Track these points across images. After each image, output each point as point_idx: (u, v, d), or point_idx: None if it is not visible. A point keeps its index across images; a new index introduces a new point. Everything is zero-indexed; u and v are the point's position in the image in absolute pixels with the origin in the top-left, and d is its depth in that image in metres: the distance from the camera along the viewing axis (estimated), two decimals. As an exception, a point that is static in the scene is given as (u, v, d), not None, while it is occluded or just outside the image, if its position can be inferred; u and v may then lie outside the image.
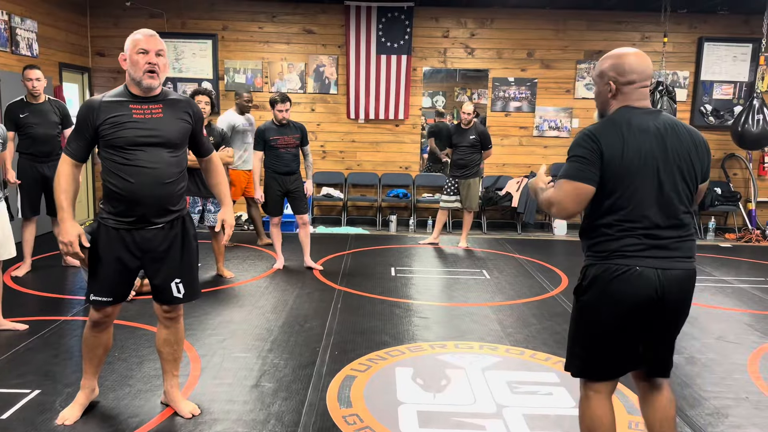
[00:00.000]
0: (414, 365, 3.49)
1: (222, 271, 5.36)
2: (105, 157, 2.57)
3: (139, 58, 2.49)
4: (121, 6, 7.94)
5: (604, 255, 2.06)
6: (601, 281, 2.06)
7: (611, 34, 8.22)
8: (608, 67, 2.11)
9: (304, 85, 8.25)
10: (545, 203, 2.16)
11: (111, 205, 2.60)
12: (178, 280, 2.73)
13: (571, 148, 2.09)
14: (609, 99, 2.13)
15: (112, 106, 2.53)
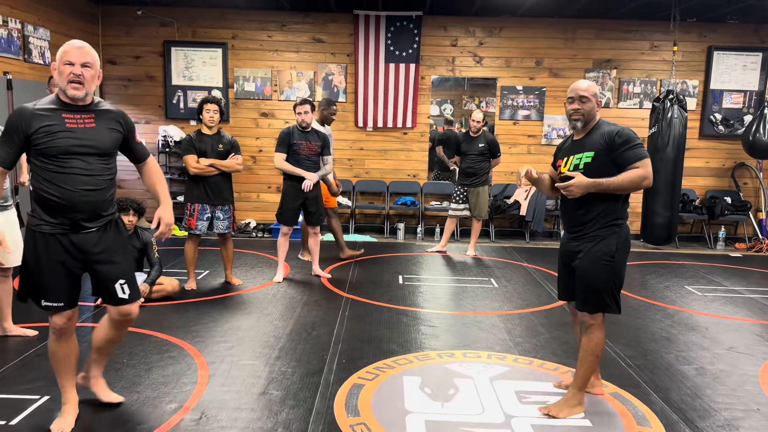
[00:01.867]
0: (422, 374, 3.48)
1: (230, 278, 5.37)
2: (38, 166, 2.59)
3: (64, 68, 2.55)
4: (133, 15, 8.02)
5: (623, 220, 2.97)
6: (626, 237, 2.99)
7: (620, 42, 8.21)
8: (597, 90, 3.02)
9: (313, 93, 8.29)
10: (637, 180, 2.85)
11: (45, 212, 2.62)
12: (122, 281, 2.77)
13: (631, 138, 2.89)
14: (595, 111, 3.01)
15: (44, 115, 2.56)
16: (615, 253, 2.93)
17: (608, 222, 2.93)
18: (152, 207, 8.05)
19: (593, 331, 3.00)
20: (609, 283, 2.95)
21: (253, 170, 8.36)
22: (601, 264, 2.93)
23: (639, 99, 8.32)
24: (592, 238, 2.96)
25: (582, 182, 2.91)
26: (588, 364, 3.01)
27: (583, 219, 2.99)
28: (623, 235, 2.97)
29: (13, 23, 6.30)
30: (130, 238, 4.71)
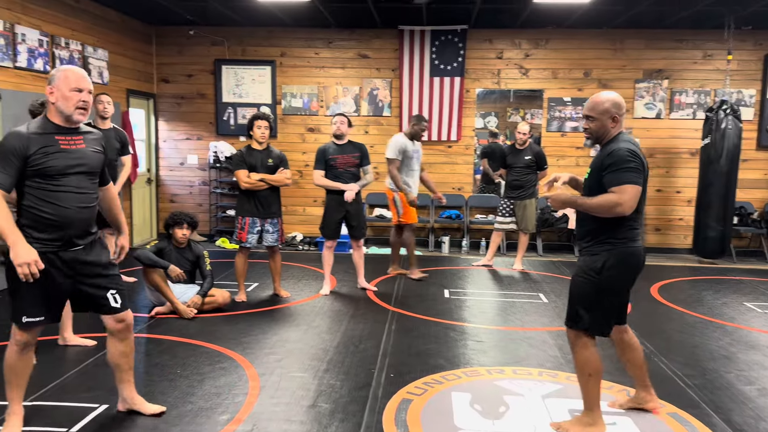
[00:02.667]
0: (471, 390, 3.44)
1: (279, 291, 5.45)
2: (33, 186, 2.65)
3: (73, 95, 2.66)
4: (185, 35, 8.29)
5: (620, 240, 2.81)
6: (623, 258, 2.81)
7: (671, 52, 8.02)
8: (610, 106, 2.84)
9: (358, 108, 8.38)
10: (607, 206, 2.73)
11: (38, 231, 2.66)
12: (113, 291, 2.89)
13: (621, 161, 2.73)
14: (609, 128, 2.85)
15: (39, 138, 2.65)
16: (601, 270, 2.80)
17: (602, 239, 2.83)
18: (203, 221, 8.27)
19: (575, 349, 2.92)
20: (587, 299, 2.84)
21: (300, 184, 8.48)
22: (584, 277, 2.85)
23: (692, 109, 8.09)
24: (586, 253, 2.91)
25: (558, 197, 2.89)
26: (585, 385, 2.91)
27: (582, 234, 2.95)
28: (617, 254, 2.80)
29: (75, 45, 6.60)
30: (183, 250, 4.85)
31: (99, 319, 2.86)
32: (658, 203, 8.28)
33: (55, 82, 2.69)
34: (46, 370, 3.61)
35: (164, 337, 4.25)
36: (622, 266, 2.82)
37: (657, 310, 5.29)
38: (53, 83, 2.69)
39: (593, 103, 2.86)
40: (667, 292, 5.91)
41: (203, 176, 8.57)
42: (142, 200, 8.26)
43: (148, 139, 8.45)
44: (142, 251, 4.66)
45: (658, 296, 5.75)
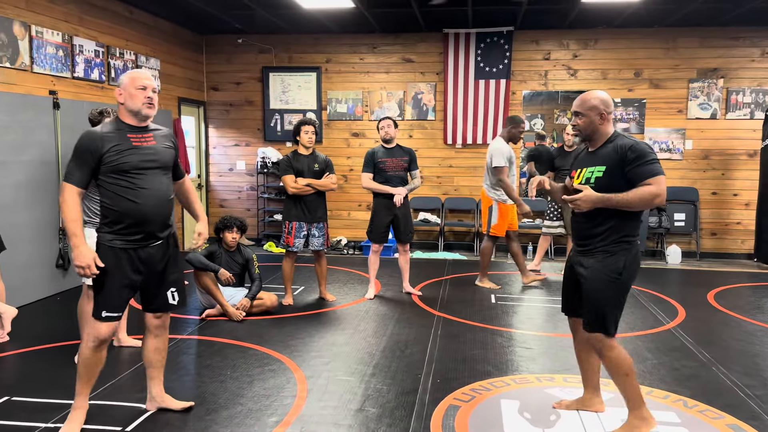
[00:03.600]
0: (520, 398, 3.37)
1: (325, 294, 5.49)
2: (109, 183, 2.79)
3: (138, 92, 2.82)
4: (233, 43, 8.48)
5: (634, 237, 2.83)
6: (636, 255, 2.83)
7: (726, 50, 7.73)
8: (598, 103, 2.86)
9: (403, 112, 8.38)
10: (647, 198, 2.70)
11: (117, 227, 2.81)
12: (173, 289, 3.03)
13: (646, 153, 2.74)
14: (598, 126, 2.87)
15: (113, 136, 2.80)
16: (623, 271, 2.78)
17: (618, 238, 2.79)
18: (251, 226, 8.41)
19: (605, 353, 2.84)
20: (614, 301, 2.81)
21: (345, 189, 8.54)
22: (608, 281, 2.79)
23: (750, 109, 7.77)
24: (600, 254, 2.82)
25: (590, 197, 2.79)
26: (624, 385, 2.84)
27: (591, 233, 2.85)
28: (633, 252, 2.81)
29: (128, 55, 6.83)
30: (233, 254, 4.94)
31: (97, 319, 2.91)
32: (714, 206, 7.98)
33: (122, 85, 2.86)
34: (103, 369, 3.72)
35: (215, 339, 4.34)
36: (636, 263, 2.84)
37: (714, 317, 5.09)
38: (120, 86, 2.86)
39: (581, 99, 2.90)
40: (725, 299, 5.68)
41: (251, 181, 8.72)
42: (192, 205, 8.45)
43: (198, 145, 8.67)
44: (194, 255, 4.76)
45: (714, 303, 5.54)
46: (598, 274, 2.80)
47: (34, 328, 4.59)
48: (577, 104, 2.90)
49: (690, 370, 3.84)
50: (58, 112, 5.53)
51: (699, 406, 3.28)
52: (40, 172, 5.35)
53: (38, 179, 5.32)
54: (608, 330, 2.81)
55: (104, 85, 6.40)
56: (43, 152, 5.39)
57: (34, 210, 5.28)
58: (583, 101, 2.88)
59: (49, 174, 5.44)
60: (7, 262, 4.77)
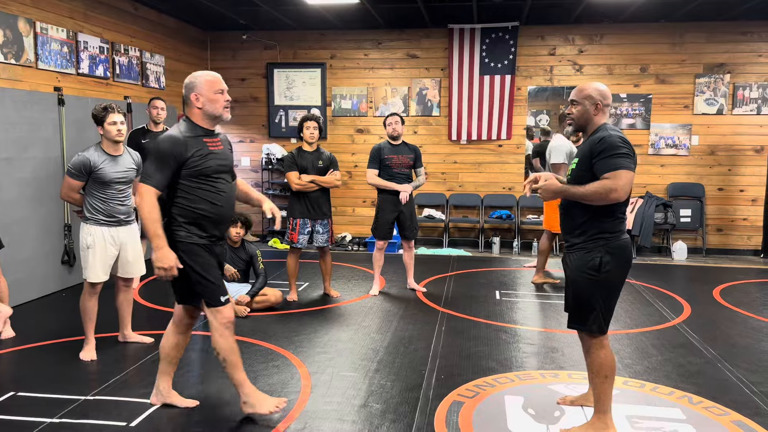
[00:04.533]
0: (524, 394, 3.37)
1: (329, 291, 5.49)
2: (191, 186, 2.85)
3: (218, 96, 2.88)
4: (238, 40, 8.47)
5: (613, 233, 2.75)
6: (619, 253, 2.74)
7: (734, 45, 7.67)
8: (595, 93, 2.81)
9: (407, 108, 8.36)
10: (602, 192, 2.64)
11: (198, 228, 2.88)
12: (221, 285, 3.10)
13: (612, 146, 2.67)
14: (592, 116, 2.81)
15: (193, 141, 2.86)
16: (600, 268, 2.73)
17: (594, 235, 2.75)
18: (256, 222, 8.41)
19: (591, 350, 2.83)
20: (593, 299, 2.77)
21: (349, 185, 8.53)
22: (585, 277, 2.77)
23: (757, 105, 7.71)
24: (579, 251, 2.80)
25: (550, 186, 2.82)
26: (600, 387, 2.82)
27: (570, 228, 2.85)
28: (613, 249, 2.73)
29: (133, 51, 6.84)
30: (237, 250, 4.94)
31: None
32: (720, 203, 7.93)
33: (197, 88, 2.89)
34: (109, 365, 3.75)
35: (219, 335, 4.34)
36: (620, 260, 2.76)
37: (720, 313, 5.07)
38: (196, 90, 2.89)
39: (578, 88, 2.87)
40: (731, 295, 5.65)
41: (256, 178, 8.73)
42: (197, 201, 8.47)
43: (202, 141, 8.66)
44: None
45: (720, 299, 5.51)
46: (576, 271, 2.80)
47: (40, 324, 4.61)
48: (574, 93, 2.87)
49: (695, 366, 3.82)
50: (63, 108, 5.54)
51: (704, 402, 3.27)
52: (45, 169, 5.36)
53: (43, 175, 5.34)
54: (588, 328, 2.80)
55: (109, 81, 6.41)
56: (48, 148, 5.41)
57: (39, 206, 5.30)
58: (580, 90, 2.86)
59: (54, 170, 5.46)
60: (12, 258, 4.79)
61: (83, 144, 4.90)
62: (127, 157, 3.95)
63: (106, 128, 3.81)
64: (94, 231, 3.84)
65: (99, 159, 3.80)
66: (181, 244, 2.86)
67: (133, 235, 4.04)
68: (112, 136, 3.82)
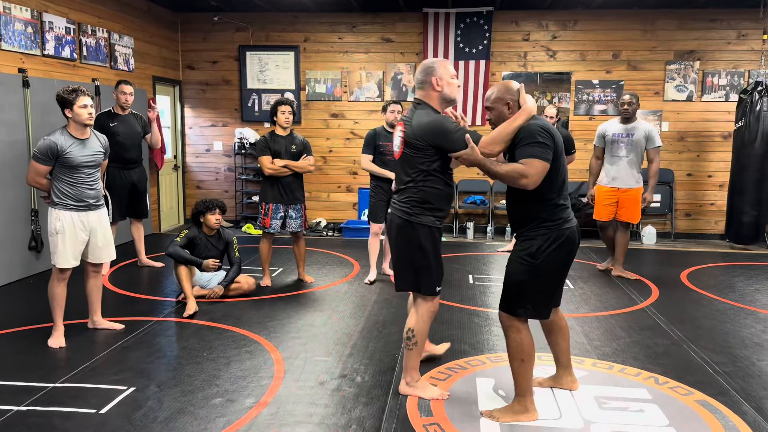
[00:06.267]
0: (495, 376, 3.41)
1: (303, 276, 5.47)
2: (436, 169, 2.95)
3: (453, 81, 2.97)
4: (209, 21, 8.32)
5: (554, 222, 2.78)
6: (560, 241, 2.78)
7: (704, 32, 7.79)
8: (501, 93, 2.85)
9: (382, 92, 8.33)
10: (513, 175, 2.71)
11: (438, 207, 3.01)
12: None
13: (531, 135, 2.72)
14: (508, 115, 2.84)
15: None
16: (536, 254, 2.77)
17: (537, 223, 2.80)
18: (229, 207, 8.34)
19: (508, 333, 2.88)
20: (524, 284, 2.81)
21: (324, 170, 8.49)
22: (519, 262, 2.82)
23: (725, 91, 7.86)
24: (522, 239, 2.86)
25: (470, 156, 2.80)
26: (517, 370, 2.88)
27: (514, 218, 2.95)
28: (554, 237, 2.77)
29: (101, 32, 6.67)
30: (213, 237, 4.88)
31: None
32: (688, 188, 8.09)
33: (438, 71, 2.94)
34: (78, 352, 3.69)
35: (191, 321, 4.31)
36: (557, 249, 2.78)
37: (687, 296, 5.19)
38: (436, 74, 2.93)
39: (487, 95, 2.94)
40: (697, 279, 5.79)
41: (229, 162, 8.63)
42: (168, 187, 8.36)
43: (174, 125, 8.53)
44: (175, 250, 4.65)
45: (687, 282, 5.64)
46: (513, 255, 2.87)
47: (7, 311, 4.52)
48: (486, 98, 2.93)
49: (662, 348, 3.91)
50: (27, 90, 5.39)
51: (670, 382, 3.35)
52: (9, 153, 5.22)
53: (8, 159, 5.20)
54: (514, 311, 2.84)
55: (76, 63, 6.25)
56: (12, 132, 5.26)
57: (4, 191, 5.17)
58: (488, 96, 2.91)
59: (19, 154, 5.32)
60: (-23, 244, 4.67)
61: (49, 127, 4.78)
62: (94, 141, 3.87)
63: (76, 111, 3.71)
64: (63, 216, 3.76)
65: (66, 143, 3.71)
66: (424, 227, 2.98)
67: (102, 220, 3.96)
68: (82, 120, 3.73)
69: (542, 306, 2.88)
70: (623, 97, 5.61)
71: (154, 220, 7.84)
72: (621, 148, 5.57)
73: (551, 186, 2.77)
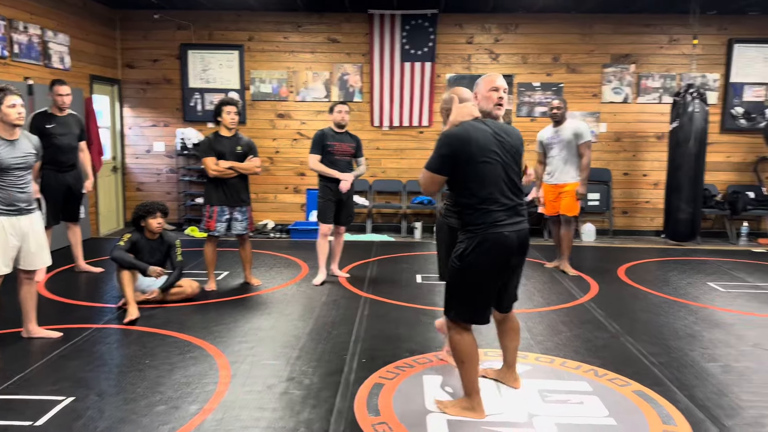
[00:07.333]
0: (442, 373, 3.46)
1: (249, 279, 5.40)
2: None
3: (491, 93, 2.99)
4: (150, 19, 8.10)
5: (477, 226, 2.80)
6: (485, 246, 2.78)
7: (638, 37, 8.11)
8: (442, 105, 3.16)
9: (329, 93, 8.30)
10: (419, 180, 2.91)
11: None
12: None
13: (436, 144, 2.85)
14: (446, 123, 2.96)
15: None
16: (461, 257, 2.82)
17: (464, 227, 2.88)
18: (172, 210, 8.14)
19: (450, 334, 2.95)
20: (450, 287, 2.90)
21: (270, 171, 8.40)
22: (451, 265, 2.89)
23: (659, 94, 8.21)
24: (458, 241, 2.93)
25: None
26: (460, 371, 2.94)
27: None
28: (477, 241, 2.78)
29: (34, 29, 6.39)
30: (155, 241, 4.75)
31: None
32: (625, 186, 8.41)
33: (477, 87, 3.07)
34: (11, 362, 3.53)
35: (133, 328, 4.18)
36: (482, 253, 2.78)
37: (624, 291, 5.40)
38: (476, 88, 3.07)
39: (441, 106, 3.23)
40: (634, 274, 6.03)
41: (171, 164, 8.42)
42: (107, 189, 8.08)
43: (113, 126, 8.26)
44: (119, 254, 4.52)
45: (625, 278, 5.87)
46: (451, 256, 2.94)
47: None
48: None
49: (601, 341, 4.06)
50: (-47, 89, 5.10)
51: (608, 374, 3.48)
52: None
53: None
54: (447, 312, 2.91)
55: (6, 60, 5.97)
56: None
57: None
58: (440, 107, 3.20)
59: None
60: None
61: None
62: (24, 142, 3.71)
63: (4, 111, 3.54)
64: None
65: (-6, 144, 3.54)
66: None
67: (35, 225, 3.80)
68: (11, 120, 3.56)
69: (466, 310, 2.87)
70: (552, 102, 6.00)
71: (92, 223, 7.57)
72: (554, 148, 5.98)
73: (463, 192, 2.84)
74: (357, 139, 5.52)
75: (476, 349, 2.93)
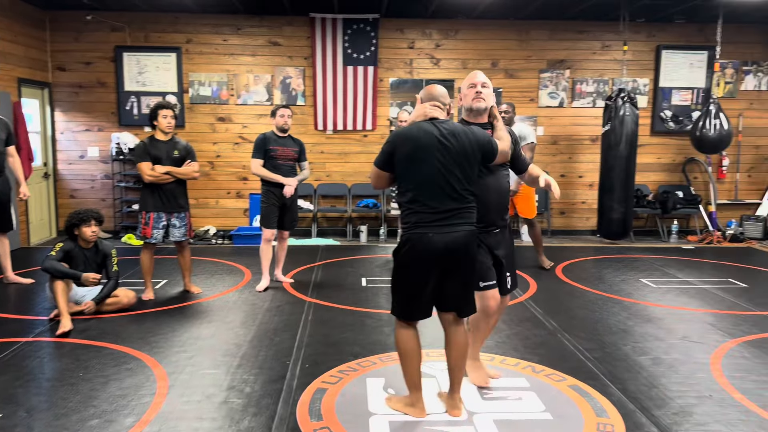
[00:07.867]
0: (385, 375, 3.48)
1: (189, 287, 5.28)
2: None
3: (469, 91, 3.18)
4: (82, 20, 7.82)
5: (406, 225, 2.86)
6: (411, 244, 2.82)
7: (573, 43, 8.39)
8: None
9: (271, 96, 8.22)
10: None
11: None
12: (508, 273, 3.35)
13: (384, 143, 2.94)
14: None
15: None
16: (395, 253, 2.93)
17: (401, 225, 2.98)
18: (107, 217, 7.88)
19: (395, 329, 3.03)
20: (392, 281, 3.00)
21: (211, 176, 8.24)
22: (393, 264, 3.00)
23: (592, 98, 8.51)
24: None
25: None
26: (401, 366, 2.99)
27: None
28: (404, 240, 2.85)
29: (-46, 29, 6.07)
30: (90, 250, 4.59)
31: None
32: (562, 188, 8.65)
33: (461, 86, 3.23)
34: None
35: (65, 341, 4.02)
36: (406, 251, 2.85)
37: (561, 288, 5.56)
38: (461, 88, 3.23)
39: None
40: (571, 272, 6.22)
41: (106, 169, 8.14)
42: (38, 196, 7.74)
43: (43, 131, 7.92)
44: (51, 264, 4.33)
45: (562, 276, 6.05)
46: None
47: None
48: None
49: (539, 338, 4.17)
50: None
51: (546, 370, 3.58)
52: None
53: None
54: (392, 309, 2.99)
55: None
56: None
57: None
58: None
59: None
60: None
61: None
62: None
63: None
64: None
65: None
66: None
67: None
68: None
69: (398, 306, 2.95)
70: (500, 107, 5.93)
71: (22, 233, 7.23)
72: None
73: (398, 189, 2.91)
74: (300, 143, 5.49)
75: (417, 345, 2.95)
